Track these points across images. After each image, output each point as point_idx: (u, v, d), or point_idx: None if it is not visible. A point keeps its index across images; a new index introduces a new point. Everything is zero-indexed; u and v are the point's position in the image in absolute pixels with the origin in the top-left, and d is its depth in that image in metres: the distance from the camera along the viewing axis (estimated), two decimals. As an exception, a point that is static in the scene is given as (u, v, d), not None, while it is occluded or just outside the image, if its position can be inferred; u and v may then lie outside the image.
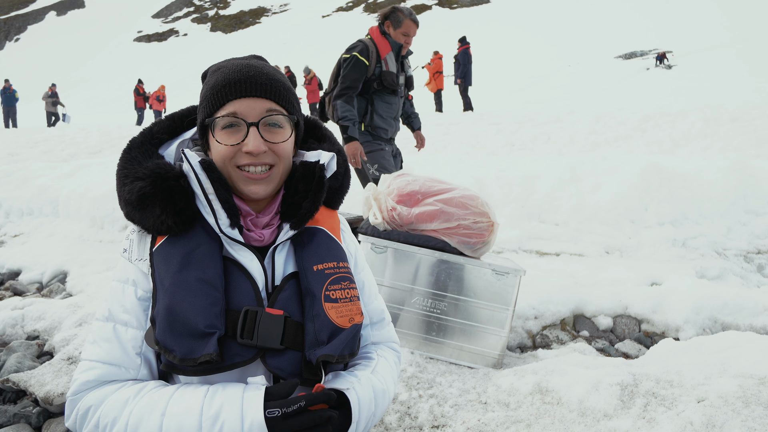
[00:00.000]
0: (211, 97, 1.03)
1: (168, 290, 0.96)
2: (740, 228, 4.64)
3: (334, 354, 0.99)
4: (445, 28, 52.00)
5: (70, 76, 54.76)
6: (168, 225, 1.00)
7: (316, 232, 1.11)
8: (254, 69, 1.04)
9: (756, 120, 8.52)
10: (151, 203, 0.99)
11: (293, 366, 1.00)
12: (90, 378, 0.98)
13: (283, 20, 71.62)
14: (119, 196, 1.04)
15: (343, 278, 1.06)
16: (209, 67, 1.12)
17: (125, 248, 1.07)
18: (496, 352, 2.70)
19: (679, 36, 35.48)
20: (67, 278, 4.60)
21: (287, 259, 1.08)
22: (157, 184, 0.99)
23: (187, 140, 1.14)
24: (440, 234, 2.69)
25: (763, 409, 1.89)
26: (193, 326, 0.93)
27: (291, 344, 0.99)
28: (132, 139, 1.10)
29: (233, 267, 1.02)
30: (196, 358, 0.92)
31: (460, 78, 14.71)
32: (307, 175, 1.08)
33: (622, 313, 3.28)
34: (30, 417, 2.41)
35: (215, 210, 1.00)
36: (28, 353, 2.94)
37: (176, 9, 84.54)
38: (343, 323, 1.02)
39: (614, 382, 2.16)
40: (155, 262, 1.01)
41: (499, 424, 2.08)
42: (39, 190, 6.61)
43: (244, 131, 1.01)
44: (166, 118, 1.15)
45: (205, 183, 1.00)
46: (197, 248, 1.00)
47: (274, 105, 1.03)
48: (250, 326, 0.96)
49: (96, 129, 14.20)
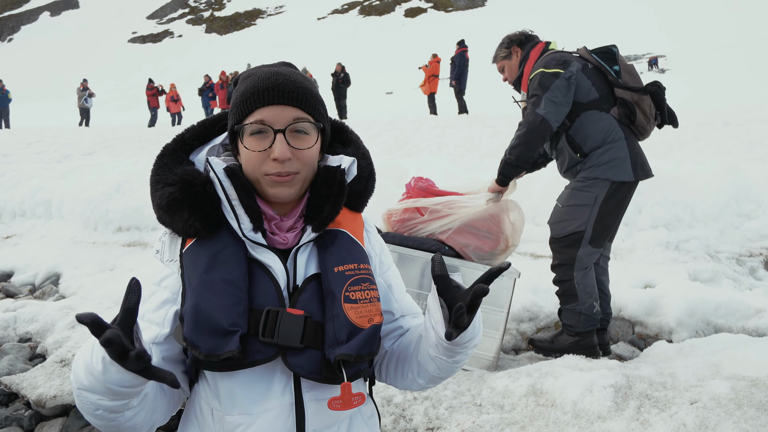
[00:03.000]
0: (240, 104, 1.07)
1: (195, 290, 1.01)
2: (733, 231, 4.67)
3: (351, 354, 1.02)
4: (440, 31, 52.15)
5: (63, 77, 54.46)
6: (196, 228, 1.05)
7: (338, 234, 1.14)
8: (282, 77, 1.07)
9: (748, 124, 8.58)
10: (179, 208, 1.04)
11: (313, 364, 1.03)
12: None
13: (278, 22, 71.61)
14: (152, 200, 1.09)
15: (363, 280, 1.09)
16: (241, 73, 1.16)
17: (158, 249, 1.13)
18: (491, 355, 2.70)
19: (673, 40, 35.74)
20: (60, 280, 4.58)
21: (309, 260, 1.12)
22: (185, 190, 1.05)
23: (218, 145, 1.20)
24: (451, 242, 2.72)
25: (755, 411, 1.90)
26: (217, 324, 0.98)
27: (311, 343, 1.03)
28: (165, 146, 1.15)
29: (257, 268, 1.06)
30: (220, 355, 0.97)
31: (454, 80, 14.75)
32: (329, 179, 1.12)
33: (616, 316, 3.30)
34: (22, 420, 2.39)
35: (238, 215, 1.05)
36: (21, 355, 2.92)
37: (171, 10, 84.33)
38: (362, 323, 1.05)
39: (608, 384, 2.17)
40: (184, 263, 1.06)
41: (494, 426, 2.09)
42: (32, 191, 6.57)
43: (271, 138, 1.05)
44: (199, 125, 1.21)
45: (228, 189, 1.06)
46: (223, 250, 1.05)
47: (301, 113, 1.07)
48: (272, 325, 1.01)
49: (90, 130, 14.14)
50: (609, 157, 2.62)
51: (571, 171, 2.78)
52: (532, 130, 2.63)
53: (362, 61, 43.93)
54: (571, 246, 2.68)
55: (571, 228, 2.67)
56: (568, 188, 2.75)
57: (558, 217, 2.74)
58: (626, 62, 2.75)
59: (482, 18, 56.72)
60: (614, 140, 2.63)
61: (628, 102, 2.66)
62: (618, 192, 2.66)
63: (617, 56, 2.73)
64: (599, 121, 2.65)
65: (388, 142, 9.50)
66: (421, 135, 9.87)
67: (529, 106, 2.69)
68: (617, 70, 2.69)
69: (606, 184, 2.63)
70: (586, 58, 2.75)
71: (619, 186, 2.65)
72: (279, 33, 64.55)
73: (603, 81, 2.70)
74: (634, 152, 2.67)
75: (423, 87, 15.99)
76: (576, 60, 2.70)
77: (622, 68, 2.70)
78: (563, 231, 2.71)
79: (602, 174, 2.63)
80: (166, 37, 72.95)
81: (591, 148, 2.66)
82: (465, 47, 14.75)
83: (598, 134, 2.64)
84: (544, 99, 2.61)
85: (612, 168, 2.62)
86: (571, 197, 2.71)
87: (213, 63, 46.87)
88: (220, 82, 19.67)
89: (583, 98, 2.66)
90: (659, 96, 2.70)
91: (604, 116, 2.66)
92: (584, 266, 2.71)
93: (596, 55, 2.74)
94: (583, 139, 2.67)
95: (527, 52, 2.85)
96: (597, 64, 2.71)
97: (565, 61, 2.66)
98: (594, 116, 2.66)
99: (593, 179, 2.65)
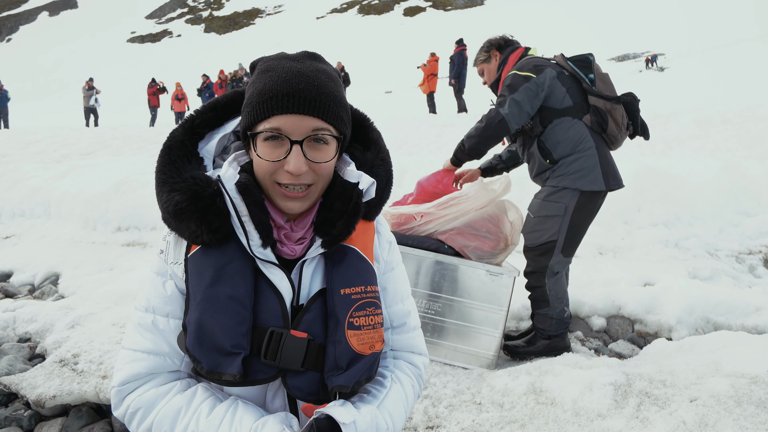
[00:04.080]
0: (256, 105, 0.98)
1: (200, 305, 0.98)
2: (732, 229, 4.67)
3: (348, 385, 1.02)
4: (438, 30, 52.11)
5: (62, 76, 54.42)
6: (203, 239, 1.01)
7: (348, 251, 1.09)
8: (305, 80, 0.97)
9: (747, 122, 8.59)
10: (186, 219, 0.99)
11: (311, 386, 1.03)
12: (138, 369, 1.02)
13: (277, 21, 71.54)
14: (158, 200, 1.04)
15: (368, 304, 1.06)
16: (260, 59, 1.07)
17: (162, 249, 1.08)
18: (491, 353, 2.70)
19: (672, 38, 35.73)
20: (59, 280, 4.57)
21: (315, 274, 1.07)
22: (193, 201, 0.99)
23: (229, 134, 1.12)
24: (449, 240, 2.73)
25: (754, 408, 1.90)
26: (220, 344, 0.97)
27: (312, 366, 1.02)
28: (172, 134, 1.07)
29: (264, 283, 1.03)
30: (221, 374, 0.97)
31: (454, 78, 14.75)
32: (345, 196, 1.05)
33: (616, 314, 3.30)
34: (21, 420, 2.39)
35: (248, 231, 1.00)
36: (20, 355, 2.91)
37: (170, 10, 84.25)
38: (363, 350, 1.04)
39: (608, 382, 2.17)
40: (189, 270, 1.02)
41: (494, 424, 2.09)
42: (31, 191, 6.56)
43: (286, 148, 0.97)
44: (209, 109, 1.10)
45: (239, 206, 1.00)
46: (229, 263, 1.01)
47: (322, 123, 0.99)
48: (274, 347, 0.99)
49: (89, 130, 14.12)
50: (579, 167, 2.64)
51: (540, 177, 2.81)
52: (490, 126, 2.66)
53: (361, 61, 43.90)
54: (544, 255, 2.72)
55: (544, 238, 2.70)
56: (538, 198, 2.77)
57: (530, 227, 2.77)
58: (601, 71, 2.78)
59: (481, 16, 56.68)
60: (584, 149, 2.65)
61: (600, 110, 2.68)
62: (589, 202, 2.68)
63: (593, 64, 2.76)
64: (571, 129, 2.67)
65: (387, 140, 9.46)
66: (421, 134, 9.87)
67: (493, 105, 2.72)
68: (592, 78, 2.72)
69: (576, 194, 2.65)
70: (562, 65, 2.78)
71: (590, 195, 2.66)
72: (278, 32, 64.49)
73: (578, 89, 2.72)
74: (604, 161, 2.68)
75: (422, 86, 15.98)
76: (551, 67, 2.71)
77: (596, 77, 2.73)
78: (536, 241, 2.74)
79: (571, 184, 2.64)
80: (164, 37, 72.87)
81: (561, 156, 2.68)
82: (464, 46, 14.74)
83: (569, 142, 2.66)
84: (509, 100, 2.63)
85: (582, 178, 2.63)
86: (542, 208, 2.73)
87: (212, 62, 46.85)
88: (219, 81, 19.63)
89: (557, 104, 2.69)
90: (633, 106, 2.74)
91: (577, 124, 2.67)
92: (555, 273, 2.76)
93: (572, 62, 2.76)
94: (554, 145, 2.69)
95: (506, 57, 2.90)
96: (572, 72, 2.73)
97: (539, 67, 2.68)
98: (566, 123, 2.68)
99: (563, 188, 2.66)
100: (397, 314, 1.20)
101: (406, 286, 1.24)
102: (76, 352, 2.65)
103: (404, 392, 1.13)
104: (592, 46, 37.35)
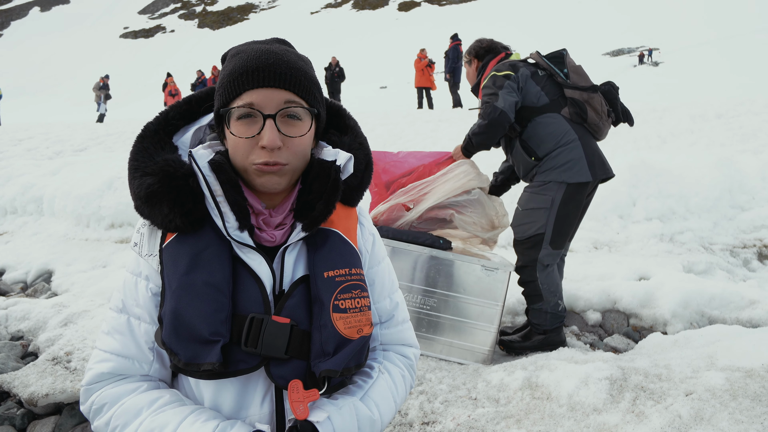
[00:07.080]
0: (227, 85, 0.97)
1: (175, 293, 0.95)
2: (726, 223, 4.69)
3: (337, 369, 0.97)
4: (433, 25, 52.00)
5: (54, 72, 53.98)
6: (176, 224, 0.97)
7: (330, 234, 1.06)
8: (274, 56, 0.97)
9: (741, 116, 8.61)
10: (158, 201, 0.96)
11: (297, 375, 0.98)
12: (105, 370, 1.00)
13: (271, 17, 71.20)
14: (130, 188, 1.01)
15: (354, 286, 1.03)
16: (230, 48, 1.06)
17: (136, 242, 1.05)
18: (486, 348, 2.70)
19: (666, 33, 35.80)
20: (52, 277, 4.54)
21: (297, 260, 1.04)
22: (165, 182, 0.96)
23: (205, 126, 1.10)
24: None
25: (750, 402, 1.90)
26: (197, 332, 0.92)
27: (296, 353, 0.98)
28: (146, 126, 1.05)
29: (242, 269, 0.99)
30: (200, 365, 0.92)
31: (449, 73, 14.71)
32: (323, 174, 1.03)
33: (611, 308, 3.30)
34: (14, 419, 2.37)
35: (223, 213, 0.97)
36: (12, 354, 2.89)
37: (163, 5, 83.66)
38: (351, 334, 1.00)
39: (603, 376, 2.17)
40: (164, 260, 0.98)
41: (489, 419, 2.08)
42: (23, 188, 6.51)
43: (260, 123, 0.96)
44: (184, 102, 1.10)
45: (213, 185, 0.97)
46: (206, 249, 0.97)
47: (294, 96, 0.98)
48: (255, 334, 0.95)
49: (82, 126, 14.02)
50: (563, 159, 2.67)
51: (528, 175, 2.85)
52: (493, 120, 2.72)
53: (356, 56, 43.77)
54: (533, 248, 2.74)
55: (532, 231, 2.73)
56: (527, 191, 2.82)
57: (519, 220, 2.80)
58: (575, 64, 2.86)
59: (476, 11, 56.58)
60: (567, 142, 2.68)
61: (578, 101, 2.74)
62: (576, 193, 2.69)
63: (566, 59, 2.84)
64: (551, 125, 2.71)
65: (382, 135, 9.46)
66: (416, 129, 9.84)
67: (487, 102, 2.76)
68: (566, 72, 2.79)
69: (562, 186, 2.67)
70: (537, 61, 2.87)
71: (577, 187, 2.68)
72: (272, 27, 64.19)
73: (554, 86, 2.79)
74: (589, 152, 2.71)
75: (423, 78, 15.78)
76: (525, 67, 2.81)
77: (570, 69, 2.80)
78: (524, 234, 2.76)
79: (557, 177, 2.67)
80: (158, 32, 72.40)
81: (545, 152, 2.72)
82: (459, 41, 14.70)
83: (552, 137, 2.70)
84: (500, 94, 2.71)
85: (567, 170, 2.66)
86: (529, 200, 2.76)
87: (206, 58, 46.63)
88: (212, 77, 19.51)
89: (534, 103, 2.75)
90: (612, 94, 2.81)
91: (557, 118, 2.72)
92: (545, 267, 2.77)
93: (547, 59, 2.85)
94: (537, 143, 2.74)
95: (486, 63, 3.00)
96: (547, 67, 2.81)
97: (515, 66, 2.79)
98: (546, 119, 2.73)
99: (548, 182, 2.70)
100: (385, 308, 1.18)
101: (393, 280, 1.22)
102: (69, 350, 2.63)
103: (393, 382, 1.11)
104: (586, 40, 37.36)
